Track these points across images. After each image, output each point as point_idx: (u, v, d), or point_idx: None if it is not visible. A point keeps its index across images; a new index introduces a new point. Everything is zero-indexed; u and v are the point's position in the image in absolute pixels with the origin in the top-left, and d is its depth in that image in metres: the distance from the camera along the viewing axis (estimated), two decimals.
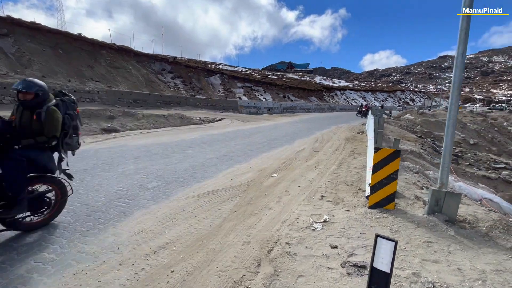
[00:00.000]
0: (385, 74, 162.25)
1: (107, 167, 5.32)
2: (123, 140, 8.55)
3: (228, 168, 5.79)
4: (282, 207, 3.67)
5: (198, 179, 4.91)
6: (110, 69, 22.64)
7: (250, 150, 7.83)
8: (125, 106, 17.79)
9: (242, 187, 4.55)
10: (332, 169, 5.78)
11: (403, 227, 2.82)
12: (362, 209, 3.45)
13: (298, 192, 4.30)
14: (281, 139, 10.24)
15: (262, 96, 35.39)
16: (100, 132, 10.21)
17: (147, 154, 6.68)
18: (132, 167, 5.45)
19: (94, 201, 3.68)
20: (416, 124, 23.62)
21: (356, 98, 53.19)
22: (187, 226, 3.08)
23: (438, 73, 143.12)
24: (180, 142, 8.49)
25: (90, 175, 4.79)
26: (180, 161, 6.10)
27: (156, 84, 25.70)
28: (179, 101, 23.09)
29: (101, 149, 6.97)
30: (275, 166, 6.09)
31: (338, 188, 4.42)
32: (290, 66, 79.24)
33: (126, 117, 12.91)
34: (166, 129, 12.33)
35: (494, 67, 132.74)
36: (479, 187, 7.16)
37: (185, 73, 31.97)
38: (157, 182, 4.61)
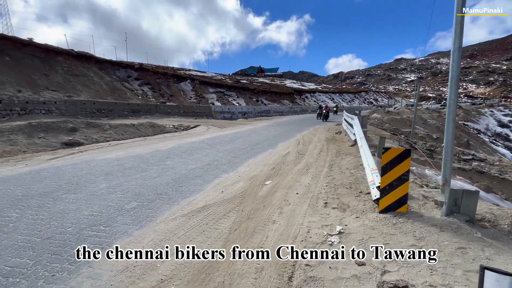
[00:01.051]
0: (349, 76, 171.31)
1: (72, 188, 4.53)
2: (89, 155, 7.59)
3: (215, 178, 5.29)
4: (287, 219, 3.30)
5: (184, 194, 4.35)
6: (69, 77, 20.68)
7: (234, 157, 7.38)
8: (88, 117, 16.27)
9: (236, 199, 4.10)
10: (325, 172, 5.55)
11: (426, 232, 2.61)
12: (373, 214, 3.20)
13: (298, 200, 3.96)
14: (263, 143, 9.91)
15: (235, 101, 34.99)
16: (61, 146, 9.04)
17: (120, 168, 5.91)
18: (103, 185, 4.71)
19: (60, 233, 2.98)
20: (384, 122, 24.86)
21: (325, 100, 55.07)
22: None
23: (396, 74, 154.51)
24: (156, 153, 7.76)
25: (51, 199, 4.00)
26: (160, 175, 5.45)
27: (122, 92, 24.05)
28: (148, 109, 21.83)
29: (64, 167, 6.05)
30: (265, 172, 5.71)
31: (339, 193, 4.17)
32: (260, 71, 79.97)
33: (91, 129, 11.70)
34: (138, 139, 11.37)
35: (442, 68, 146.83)
36: (457, 179, 7.46)
37: (154, 79, 30.47)
38: (137, 201, 3.98)
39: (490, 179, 7.99)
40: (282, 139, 11.01)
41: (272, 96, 41.07)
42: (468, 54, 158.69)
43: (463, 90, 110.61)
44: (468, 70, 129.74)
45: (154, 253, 2.57)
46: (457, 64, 3.38)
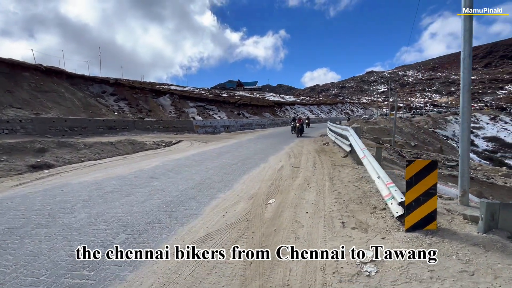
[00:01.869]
0: (324, 89, 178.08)
1: (44, 221, 3.81)
2: (62, 178, 6.74)
3: (212, 199, 4.79)
4: (306, 245, 2.91)
5: (180, 220, 3.82)
6: (36, 93, 19.18)
7: (227, 174, 6.91)
8: (59, 135, 15.01)
9: (242, 223, 3.64)
10: (328, 187, 5.27)
11: (471, 254, 2.34)
12: (400, 233, 2.91)
13: (310, 220, 3.59)
14: (254, 157, 9.53)
15: (217, 114, 34.54)
16: (27, 170, 8.02)
17: (100, 193, 5.22)
18: (83, 215, 4.04)
19: (31, 284, 2.36)
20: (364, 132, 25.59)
21: (304, 112, 56.28)
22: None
23: (367, 86, 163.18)
24: (140, 173, 7.08)
25: (17, 237, 3.29)
26: (148, 198, 4.85)
27: (97, 108, 22.71)
28: (126, 125, 20.75)
29: (32, 194, 5.23)
30: (264, 190, 5.31)
31: (351, 209, 3.86)
32: (239, 84, 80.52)
33: (63, 148, 10.65)
34: (117, 158, 10.50)
35: (408, 79, 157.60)
36: (449, 186, 7.53)
37: (130, 94, 29.29)
38: (126, 233, 3.38)
39: (480, 184, 8.20)
40: (271, 152, 10.71)
41: (253, 109, 41.16)
42: (430, 67, 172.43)
43: (429, 99, 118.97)
44: (432, 81, 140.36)
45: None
46: (468, 71, 3.30)
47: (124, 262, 2.70)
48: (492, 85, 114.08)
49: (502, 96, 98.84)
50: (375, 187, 4.68)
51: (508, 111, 77.56)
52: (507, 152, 50.26)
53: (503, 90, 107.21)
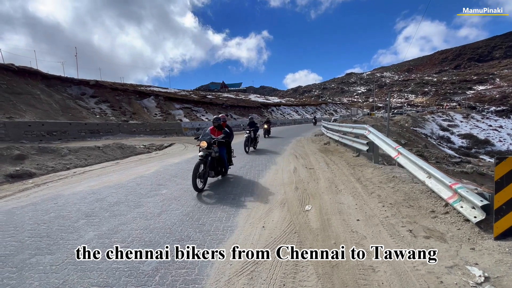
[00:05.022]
0: (306, 90, 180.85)
1: (44, 244, 3.06)
2: (51, 188, 5.84)
3: (240, 208, 4.21)
4: (386, 262, 2.44)
5: (214, 235, 3.22)
6: (8, 95, 17.44)
7: (240, 177, 6.33)
8: (36, 141, 13.64)
9: (290, 236, 3.11)
10: (361, 189, 4.86)
11: None
12: (489, 242, 2.52)
13: (368, 229, 3.14)
14: (259, 159, 9.00)
15: (204, 116, 33.57)
16: (5, 180, 6.97)
17: (103, 205, 4.47)
18: (91, 234, 3.32)
19: None
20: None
21: (290, 113, 56.46)
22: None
23: (348, 87, 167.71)
24: (141, 180, 6.33)
25: (13, 269, 2.55)
26: (164, 209, 4.18)
27: (77, 111, 21.13)
28: (110, 128, 19.42)
29: (19, 209, 4.36)
30: (291, 194, 4.81)
31: (407, 214, 3.46)
32: (224, 86, 79.45)
33: (44, 155, 9.54)
34: (108, 164, 9.55)
35: (386, 80, 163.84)
36: (464, 182, 7.44)
37: (113, 96, 27.68)
38: (155, 257, 2.74)
39: (491, 180, 8.21)
40: (275, 153, 10.24)
41: (240, 111, 40.59)
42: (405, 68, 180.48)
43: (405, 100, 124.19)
44: (407, 82, 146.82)
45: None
46: None
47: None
48: (462, 85, 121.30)
49: (471, 96, 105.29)
50: (417, 188, 4.33)
51: (477, 109, 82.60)
52: (480, 148, 53.38)
53: (471, 90, 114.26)
